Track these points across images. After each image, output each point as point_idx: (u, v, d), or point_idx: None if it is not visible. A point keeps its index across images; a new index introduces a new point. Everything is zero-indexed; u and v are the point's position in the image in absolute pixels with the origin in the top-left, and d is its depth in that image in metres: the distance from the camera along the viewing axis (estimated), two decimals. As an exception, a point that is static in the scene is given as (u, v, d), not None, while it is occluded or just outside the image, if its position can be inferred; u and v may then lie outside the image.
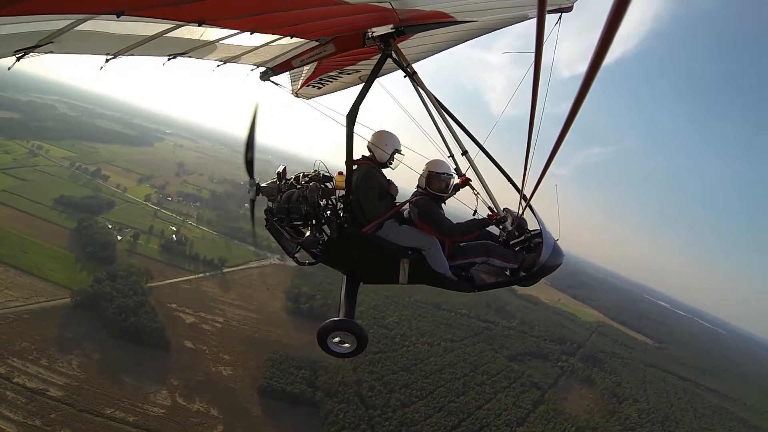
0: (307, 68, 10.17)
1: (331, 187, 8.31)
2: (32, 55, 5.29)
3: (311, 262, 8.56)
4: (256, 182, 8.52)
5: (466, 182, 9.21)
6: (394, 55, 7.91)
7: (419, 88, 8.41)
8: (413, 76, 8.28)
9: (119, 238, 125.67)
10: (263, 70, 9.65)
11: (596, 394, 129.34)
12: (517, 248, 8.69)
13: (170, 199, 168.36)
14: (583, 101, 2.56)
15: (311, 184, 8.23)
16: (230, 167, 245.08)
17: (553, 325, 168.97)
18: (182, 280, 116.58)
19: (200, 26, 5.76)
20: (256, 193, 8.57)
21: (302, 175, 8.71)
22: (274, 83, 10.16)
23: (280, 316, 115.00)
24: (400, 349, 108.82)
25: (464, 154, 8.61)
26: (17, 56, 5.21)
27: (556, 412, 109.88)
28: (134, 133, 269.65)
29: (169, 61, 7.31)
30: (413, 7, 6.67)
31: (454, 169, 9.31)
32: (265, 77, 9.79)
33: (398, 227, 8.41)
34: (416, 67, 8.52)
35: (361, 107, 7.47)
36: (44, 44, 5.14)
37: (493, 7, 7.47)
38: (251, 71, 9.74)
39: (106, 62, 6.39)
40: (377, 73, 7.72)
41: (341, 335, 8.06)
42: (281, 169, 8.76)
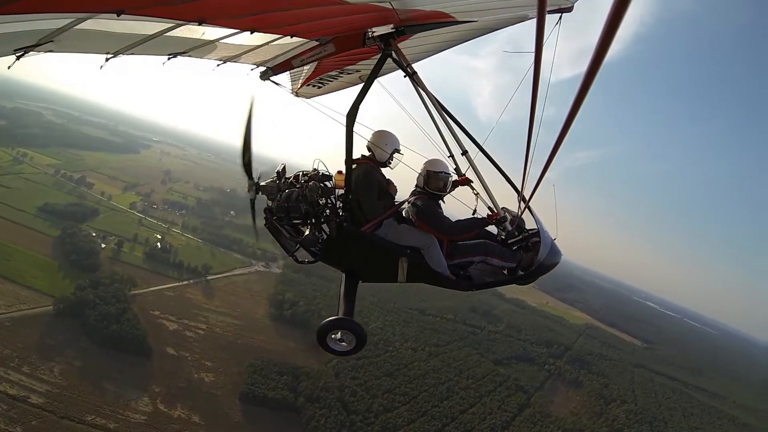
0: (307, 68, 10.30)
1: (330, 186, 8.45)
2: (32, 54, 5.40)
3: (310, 260, 8.69)
4: (255, 181, 8.66)
5: (466, 182, 9.37)
6: (394, 55, 8.03)
7: (419, 88, 8.55)
8: (413, 76, 8.42)
9: (103, 246, 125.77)
10: (263, 69, 9.77)
11: (583, 396, 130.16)
12: (514, 247, 8.95)
13: (155, 206, 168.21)
14: (582, 102, 2.67)
15: (311, 183, 8.37)
16: (216, 175, 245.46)
17: (540, 328, 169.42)
18: (166, 287, 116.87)
19: (200, 25, 5.87)
20: (255, 192, 8.69)
21: (302, 174, 8.82)
22: (274, 83, 10.24)
23: (263, 322, 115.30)
24: (383, 354, 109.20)
25: (464, 154, 8.76)
26: (17, 55, 5.30)
27: (542, 415, 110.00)
28: (120, 140, 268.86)
29: (169, 60, 7.46)
30: (413, 7, 6.80)
31: (453, 169, 9.60)
32: (265, 77, 9.88)
33: (397, 226, 8.59)
34: (416, 67, 8.67)
35: (361, 107, 7.64)
36: (44, 43, 5.25)
37: (493, 7, 7.61)
38: (251, 71, 9.86)
39: (106, 61, 6.53)
40: (377, 73, 7.86)
41: (341, 334, 8.22)
42: (281, 168, 8.90)
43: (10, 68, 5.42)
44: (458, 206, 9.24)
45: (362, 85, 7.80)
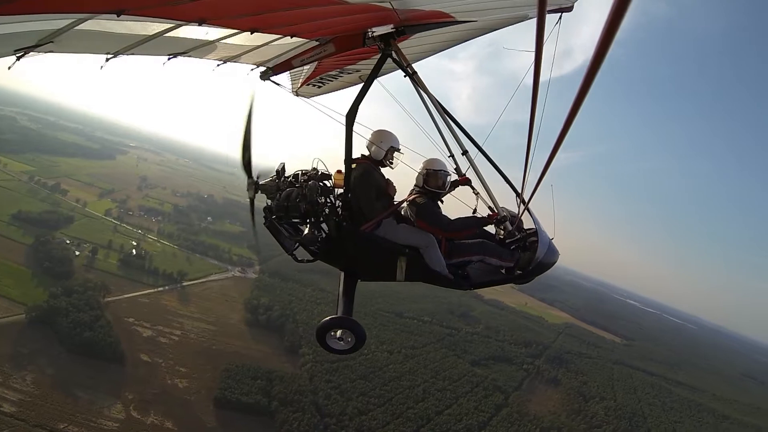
0: (307, 67, 10.44)
1: (329, 185, 8.64)
2: (32, 54, 5.46)
3: (309, 259, 8.90)
4: (255, 180, 8.78)
5: (466, 182, 9.52)
6: (394, 55, 8.18)
7: (419, 88, 8.70)
8: (413, 76, 8.54)
9: (77, 253, 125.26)
10: (263, 69, 9.85)
11: (562, 394, 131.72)
12: (512, 247, 8.99)
13: (131, 213, 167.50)
14: (582, 102, 2.67)
15: (310, 182, 8.50)
16: (194, 181, 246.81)
17: (519, 328, 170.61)
18: (141, 294, 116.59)
19: (200, 26, 5.98)
20: (255, 191, 8.82)
21: (301, 173, 8.95)
22: (274, 83, 10.27)
23: (238, 327, 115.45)
24: (358, 357, 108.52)
25: (464, 154, 8.92)
26: (17, 56, 5.36)
27: (519, 414, 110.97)
28: (96, 146, 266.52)
29: (169, 60, 7.55)
30: (413, 7, 6.89)
31: (454, 168, 9.80)
32: (265, 77, 9.94)
33: (396, 226, 8.69)
34: (416, 66, 8.80)
35: (360, 107, 7.80)
36: (44, 44, 5.33)
37: (493, 7, 7.66)
38: (251, 71, 9.95)
39: (106, 61, 6.60)
40: (377, 72, 8.02)
41: (340, 332, 8.38)
42: (280, 166, 8.99)
43: (10, 69, 5.56)
44: (459, 206, 9.41)
45: (362, 84, 8.02)
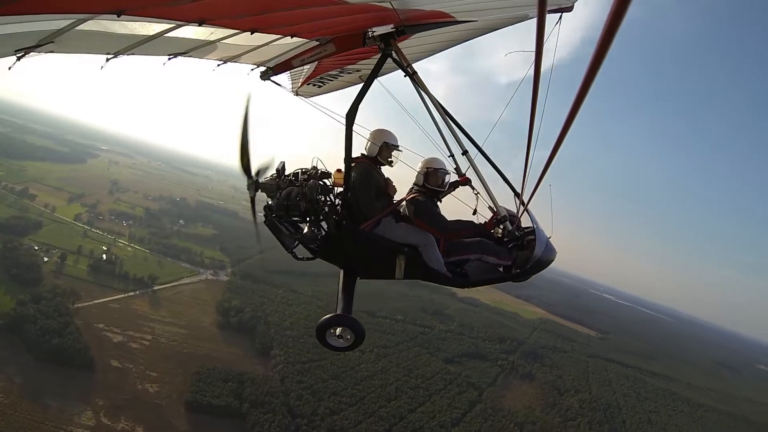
0: (307, 67, 10.52)
1: (329, 184, 8.72)
2: (33, 54, 5.50)
3: (309, 257, 9.02)
4: (255, 179, 8.86)
5: (466, 182, 9.59)
6: (394, 54, 8.22)
7: (419, 88, 8.77)
8: (413, 76, 8.59)
9: (46, 259, 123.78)
10: (263, 69, 9.93)
11: (537, 388, 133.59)
12: (510, 245, 9.08)
13: (102, 218, 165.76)
14: (582, 102, 2.68)
15: (310, 181, 8.57)
16: (166, 184, 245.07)
17: (493, 325, 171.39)
18: (111, 299, 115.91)
19: (200, 26, 6.04)
20: (255, 190, 8.89)
21: (301, 171, 9.01)
22: (274, 82, 10.35)
23: (210, 330, 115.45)
24: (330, 357, 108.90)
25: (464, 153, 8.94)
26: (18, 56, 5.40)
27: (493, 410, 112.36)
28: (66, 149, 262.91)
29: (169, 60, 7.62)
30: (413, 6, 6.94)
31: (454, 168, 9.92)
32: (265, 77, 10.02)
33: (395, 224, 8.82)
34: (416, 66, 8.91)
35: (360, 107, 7.90)
36: (45, 44, 5.36)
37: (493, 7, 7.71)
38: (251, 71, 10.04)
39: (106, 61, 6.63)
40: (377, 72, 8.10)
41: (339, 330, 8.55)
42: (280, 165, 9.05)
43: (10, 69, 5.59)
44: (459, 206, 9.52)
45: (362, 84, 8.13)
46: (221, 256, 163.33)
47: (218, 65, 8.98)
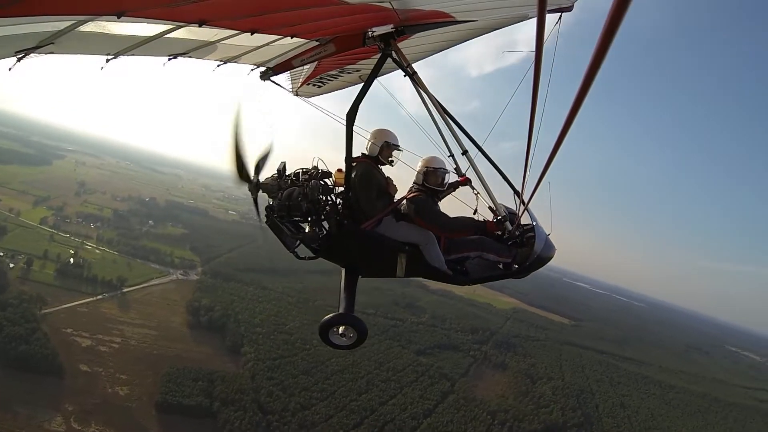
0: (307, 67, 10.57)
1: (330, 183, 8.80)
2: (33, 55, 5.54)
3: (311, 257, 9.08)
4: (256, 180, 8.95)
5: (466, 182, 9.81)
6: (394, 54, 8.25)
7: (419, 88, 8.77)
8: (413, 76, 8.62)
9: (11, 265, 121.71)
10: (263, 69, 10.03)
11: (509, 377, 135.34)
12: (510, 242, 9.09)
13: (69, 220, 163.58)
14: (582, 102, 2.69)
15: (311, 181, 8.67)
16: (135, 184, 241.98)
17: (465, 316, 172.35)
18: (79, 303, 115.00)
19: (200, 27, 6.05)
20: (257, 190, 8.94)
21: (302, 171, 9.09)
22: (274, 83, 10.44)
23: (180, 330, 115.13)
24: (300, 353, 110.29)
25: (464, 153, 9.01)
26: (18, 57, 5.44)
27: (466, 400, 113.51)
28: (32, 151, 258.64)
29: (169, 61, 7.67)
30: (413, 6, 6.95)
31: (454, 168, 10.08)
32: (265, 77, 10.12)
33: (396, 223, 8.91)
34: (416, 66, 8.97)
35: (361, 107, 7.94)
36: (45, 45, 5.39)
37: (493, 7, 7.72)
38: (251, 71, 10.12)
39: (106, 62, 6.66)
40: (377, 72, 8.12)
41: (342, 329, 8.61)
42: (281, 165, 9.14)
43: (10, 70, 5.60)
44: (459, 206, 9.63)
45: (362, 84, 8.16)
46: (191, 255, 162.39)
47: (218, 65, 9.12)
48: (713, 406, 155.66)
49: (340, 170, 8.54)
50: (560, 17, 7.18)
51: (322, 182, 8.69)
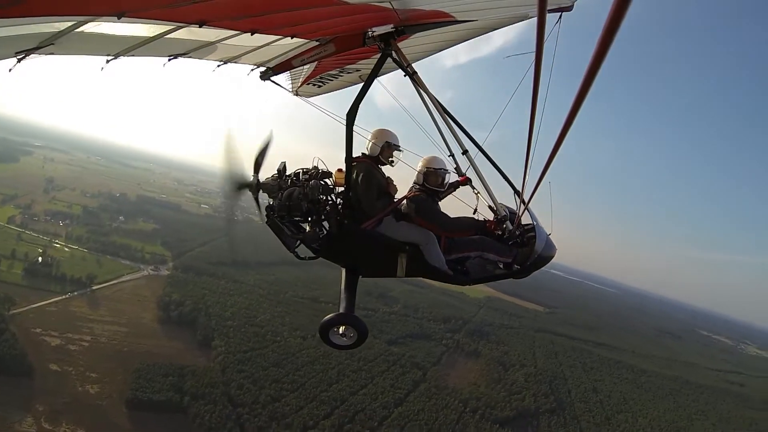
0: (307, 67, 10.58)
1: (330, 183, 8.88)
2: (33, 56, 5.57)
3: (311, 257, 9.13)
4: (256, 179, 9.02)
5: (466, 182, 9.85)
6: (394, 54, 8.29)
7: (419, 88, 8.79)
8: (413, 76, 8.63)
9: None
10: (263, 69, 10.10)
11: (482, 365, 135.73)
12: (510, 242, 9.15)
13: (37, 219, 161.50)
14: (582, 102, 2.71)
15: (312, 181, 8.76)
16: (106, 179, 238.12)
17: (438, 305, 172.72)
18: (48, 302, 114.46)
19: (201, 27, 6.08)
20: (257, 190, 9.01)
21: (302, 171, 9.18)
22: (274, 83, 10.52)
23: (151, 326, 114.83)
24: (271, 345, 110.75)
25: (464, 153, 9.03)
26: (18, 58, 5.48)
27: (437, 388, 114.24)
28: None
29: (169, 61, 7.75)
30: (413, 6, 7.00)
31: (454, 168, 10.10)
32: (265, 77, 10.20)
33: (396, 223, 8.96)
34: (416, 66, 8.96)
35: (361, 107, 7.98)
36: (45, 46, 5.43)
37: (493, 6, 7.81)
38: (251, 71, 10.22)
39: (107, 63, 6.71)
40: (377, 72, 8.16)
41: (342, 329, 8.66)
42: (281, 165, 9.20)
43: (11, 71, 5.61)
44: (459, 206, 9.64)
45: (362, 84, 8.22)
46: (163, 250, 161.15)
47: (218, 66, 9.21)
48: (684, 388, 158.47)
49: (340, 170, 8.69)
50: (560, 17, 7.38)
51: (322, 182, 8.87)
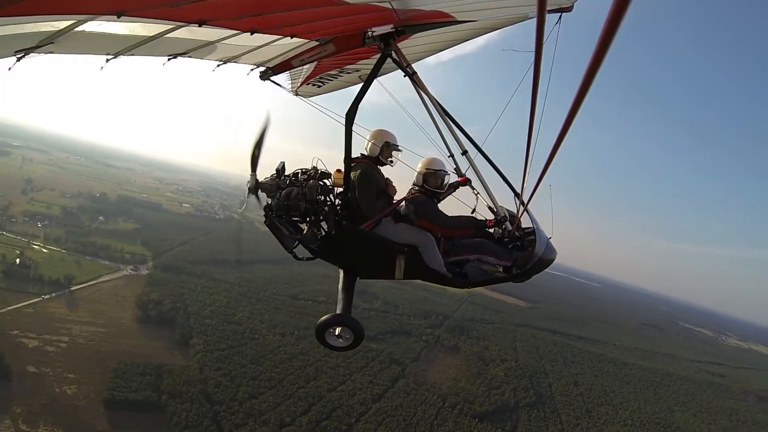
0: (306, 67, 10.53)
1: (329, 184, 8.86)
2: (33, 55, 5.56)
3: (309, 257, 9.08)
4: (255, 179, 8.97)
5: (465, 182, 9.88)
6: (394, 55, 8.29)
7: (419, 88, 8.82)
8: (413, 76, 8.63)
9: None
10: (263, 69, 10.09)
11: (462, 361, 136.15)
12: (510, 246, 9.18)
13: (14, 220, 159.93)
14: (582, 101, 2.72)
15: (310, 181, 8.70)
16: (86, 179, 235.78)
17: (419, 301, 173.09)
18: (25, 304, 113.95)
19: (200, 27, 6.08)
20: (256, 190, 8.96)
21: (301, 171, 9.12)
22: (274, 82, 10.52)
23: (129, 326, 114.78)
24: (249, 342, 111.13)
25: (464, 153, 9.01)
26: (17, 57, 5.48)
27: (416, 384, 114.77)
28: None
29: (169, 61, 7.72)
30: (413, 6, 7.00)
31: (454, 168, 10.14)
32: (265, 77, 10.18)
33: (395, 225, 8.95)
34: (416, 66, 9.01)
35: (360, 107, 7.98)
36: (45, 45, 5.43)
37: (493, 7, 7.79)
38: (251, 71, 10.20)
39: (106, 62, 6.69)
40: (377, 72, 8.21)
41: (338, 330, 8.71)
42: (280, 165, 9.12)
43: (10, 70, 5.64)
44: (459, 206, 9.67)
45: (362, 84, 8.27)
46: (142, 250, 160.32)
47: (218, 65, 9.19)
48: (665, 380, 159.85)
49: (339, 170, 8.70)
50: (560, 17, 7.44)
51: (321, 182, 8.87)
